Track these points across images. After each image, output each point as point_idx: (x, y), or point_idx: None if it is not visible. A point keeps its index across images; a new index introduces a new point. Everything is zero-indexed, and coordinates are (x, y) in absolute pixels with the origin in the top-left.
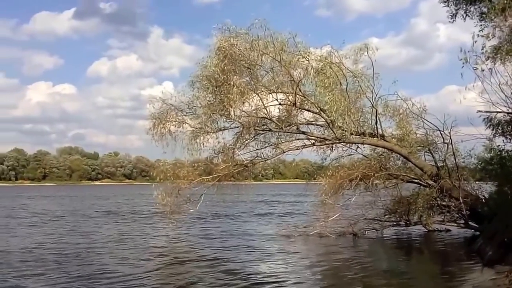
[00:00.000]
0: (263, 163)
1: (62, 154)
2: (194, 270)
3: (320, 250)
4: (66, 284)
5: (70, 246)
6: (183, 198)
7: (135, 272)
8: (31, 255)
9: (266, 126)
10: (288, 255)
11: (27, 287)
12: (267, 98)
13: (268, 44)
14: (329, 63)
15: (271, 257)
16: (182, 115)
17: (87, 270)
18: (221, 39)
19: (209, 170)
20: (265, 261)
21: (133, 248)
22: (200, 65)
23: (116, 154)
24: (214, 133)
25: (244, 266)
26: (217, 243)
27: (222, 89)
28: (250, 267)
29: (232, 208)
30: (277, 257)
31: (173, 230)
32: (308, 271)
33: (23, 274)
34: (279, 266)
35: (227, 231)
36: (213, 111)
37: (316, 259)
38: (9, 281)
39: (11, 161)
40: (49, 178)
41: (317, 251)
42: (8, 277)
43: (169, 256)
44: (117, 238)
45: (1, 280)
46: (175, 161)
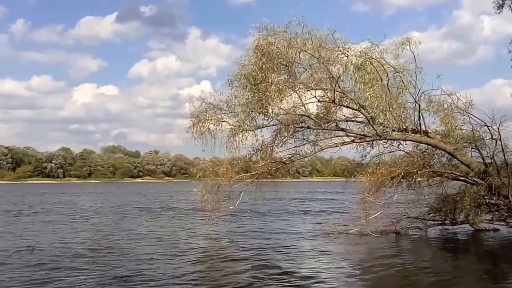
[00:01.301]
0: (301, 160)
1: (106, 152)
2: (232, 269)
3: (361, 249)
4: (102, 278)
5: (111, 241)
6: (222, 195)
7: (172, 268)
8: (72, 250)
9: (304, 123)
10: (327, 254)
11: (64, 281)
12: (305, 95)
13: (306, 41)
14: (369, 58)
15: (310, 256)
16: (220, 113)
17: (126, 265)
18: (259, 38)
19: (247, 167)
20: (304, 260)
21: (172, 244)
22: (238, 64)
23: (156, 152)
24: (252, 130)
25: (283, 265)
26: (256, 241)
27: (260, 87)
28: (289, 266)
29: (271, 205)
30: (316, 256)
31: (213, 227)
32: (349, 271)
33: (61, 267)
34: (319, 265)
35: (265, 229)
36: (252, 109)
37: (357, 258)
38: (49, 274)
39: (59, 159)
40: (94, 176)
41: (358, 249)
42: (48, 270)
43: (207, 253)
44: (157, 234)
45: (40, 273)
46: (213, 159)
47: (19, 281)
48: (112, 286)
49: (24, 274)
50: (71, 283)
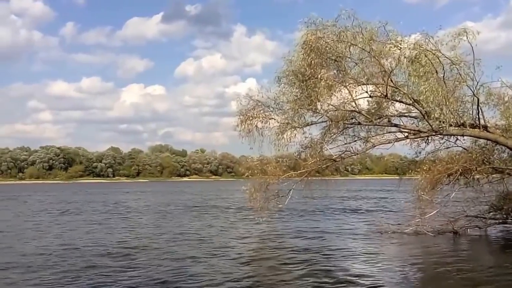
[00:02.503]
0: (351, 157)
1: (153, 151)
2: (280, 271)
3: (417, 249)
4: (145, 279)
5: (156, 241)
6: (271, 194)
7: (218, 269)
8: (116, 249)
9: (355, 119)
10: (381, 254)
11: (104, 281)
12: (355, 90)
13: (356, 35)
14: (424, 50)
15: (362, 256)
16: (268, 111)
17: (171, 265)
18: (307, 33)
19: (295, 165)
20: (356, 261)
21: (219, 244)
22: (286, 60)
23: (203, 151)
24: (301, 128)
25: (334, 266)
26: (305, 241)
27: (308, 83)
28: (342, 267)
29: (320, 204)
30: (369, 257)
31: (261, 226)
32: (404, 272)
33: (102, 266)
34: (372, 267)
35: (315, 228)
36: (300, 106)
37: (413, 259)
38: (90, 272)
39: (109, 159)
40: (142, 175)
41: (414, 249)
42: (89, 269)
43: (255, 254)
44: (204, 233)
45: (82, 271)
46: (261, 157)
47: (60, 279)
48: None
49: (64, 273)
50: (112, 283)
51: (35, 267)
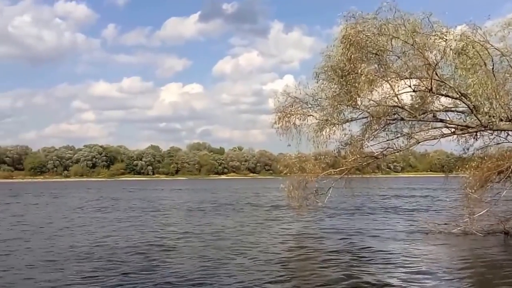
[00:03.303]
0: (393, 154)
1: (191, 149)
2: (318, 270)
3: (466, 250)
4: (180, 274)
5: (193, 236)
6: (310, 192)
7: (254, 269)
8: (153, 244)
9: (397, 115)
10: (427, 255)
11: (150, 272)
12: (398, 85)
13: (398, 27)
14: (472, 42)
15: (407, 257)
16: (306, 107)
17: (204, 262)
18: (347, 27)
19: (334, 163)
20: (400, 262)
21: (256, 243)
22: (324, 55)
23: (240, 149)
24: (340, 124)
25: (376, 268)
26: (346, 240)
27: (348, 79)
28: (383, 269)
29: (361, 202)
30: (414, 258)
31: (300, 225)
32: (451, 275)
33: (133, 265)
34: (417, 269)
35: (356, 227)
36: (339, 102)
37: (461, 261)
38: (121, 269)
39: (148, 157)
40: (181, 173)
41: (462, 251)
42: (121, 266)
43: (293, 253)
44: (240, 230)
45: (116, 268)
46: (299, 154)
47: (87, 277)
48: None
49: (91, 271)
50: (141, 282)
51: (63, 263)
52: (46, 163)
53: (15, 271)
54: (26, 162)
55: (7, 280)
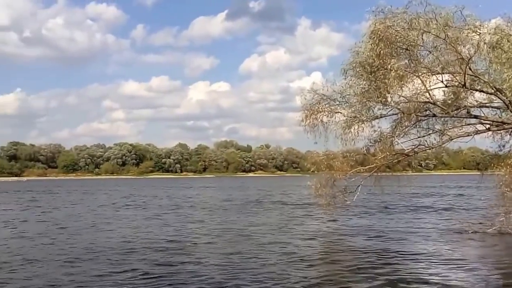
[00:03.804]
0: (425, 152)
1: (219, 147)
2: (345, 271)
3: (502, 250)
4: (205, 273)
5: (218, 234)
6: (338, 189)
7: (279, 265)
8: (178, 242)
9: (429, 111)
10: (460, 256)
11: (173, 270)
12: (429, 80)
13: (429, 21)
14: (506, 35)
15: (439, 258)
16: (334, 104)
17: (230, 260)
18: (376, 22)
19: (363, 160)
20: (432, 262)
21: (282, 242)
22: (352, 51)
23: (268, 147)
24: (369, 121)
25: (407, 268)
26: (374, 239)
27: (377, 75)
28: (414, 270)
29: (392, 200)
30: (447, 259)
31: (328, 223)
32: (486, 276)
33: (154, 263)
34: (450, 270)
35: (386, 226)
36: (368, 99)
37: (497, 261)
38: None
39: (176, 155)
40: (208, 170)
41: (498, 251)
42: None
43: (318, 251)
44: (266, 229)
45: (143, 266)
46: (327, 152)
47: (108, 273)
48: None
49: (113, 266)
50: (164, 281)
51: (83, 259)
52: (78, 161)
53: (37, 267)
54: (59, 160)
55: (31, 274)
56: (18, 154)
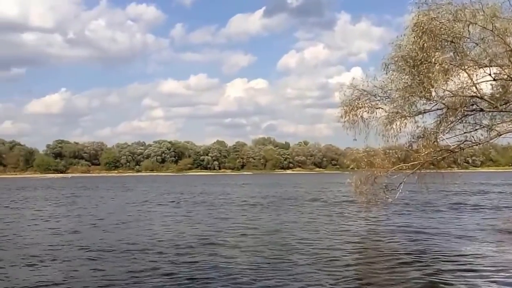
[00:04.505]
0: (471, 148)
1: (257, 144)
2: (386, 272)
3: None
4: (237, 271)
5: (252, 232)
6: (379, 187)
7: (316, 264)
8: (208, 239)
9: (475, 105)
10: (509, 255)
11: (205, 268)
12: (476, 73)
13: (476, 12)
14: None
15: (488, 260)
16: (375, 100)
17: (265, 259)
18: (419, 14)
19: (405, 157)
20: (480, 264)
21: (319, 239)
22: (394, 45)
23: (306, 143)
24: (412, 117)
25: (453, 269)
26: (417, 239)
27: (420, 69)
28: (460, 270)
29: (436, 198)
30: (494, 259)
31: (368, 221)
32: None
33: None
34: (498, 270)
35: (429, 225)
36: (411, 93)
37: None
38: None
39: (214, 152)
40: (246, 167)
41: None
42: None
43: (357, 250)
44: (304, 227)
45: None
46: (367, 149)
47: (133, 270)
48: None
49: (139, 263)
50: (196, 278)
51: (115, 256)
52: (119, 158)
53: (65, 262)
54: (101, 158)
55: (57, 269)
56: (63, 151)
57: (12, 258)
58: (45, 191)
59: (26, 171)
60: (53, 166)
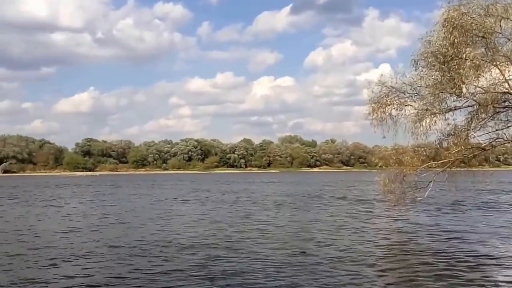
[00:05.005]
0: (503, 146)
1: (283, 142)
2: (412, 273)
3: None
4: (258, 269)
5: (276, 230)
6: (408, 185)
7: (340, 264)
8: (240, 236)
9: (508, 102)
10: None
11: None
12: (508, 69)
13: (508, 7)
14: None
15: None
16: (404, 97)
17: (288, 257)
18: (449, 9)
19: (435, 155)
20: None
21: (345, 238)
22: (423, 41)
23: (333, 141)
24: (442, 114)
25: (483, 271)
26: (446, 239)
27: (451, 65)
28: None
29: (467, 197)
30: None
31: (396, 220)
32: None
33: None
34: None
35: (460, 225)
36: (441, 90)
37: None
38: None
39: (241, 150)
40: (273, 165)
41: None
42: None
43: (384, 250)
44: (329, 226)
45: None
46: (396, 146)
47: (150, 267)
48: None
49: (156, 260)
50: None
51: (138, 254)
52: (147, 157)
53: (87, 260)
54: (129, 156)
55: (79, 267)
56: (91, 150)
57: (36, 256)
58: (73, 189)
59: (56, 169)
60: (81, 164)
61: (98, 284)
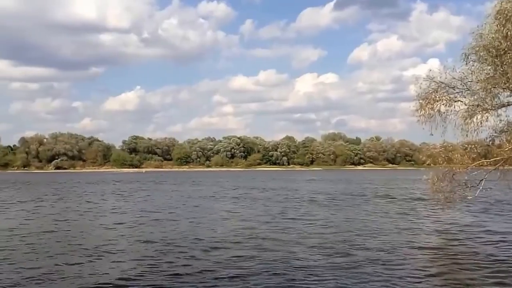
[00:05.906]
0: None
1: (326, 140)
2: (461, 275)
3: None
4: (295, 266)
5: (318, 229)
6: (458, 184)
7: (385, 263)
8: (277, 234)
9: None
10: None
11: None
12: None
13: None
14: None
15: None
16: (453, 92)
17: (331, 257)
18: (502, 1)
19: (486, 153)
20: None
21: (391, 237)
22: (475, 34)
23: (378, 139)
24: (494, 109)
25: None
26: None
27: (504, 59)
28: None
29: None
30: None
31: (447, 220)
32: None
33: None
34: None
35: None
36: (494, 85)
37: None
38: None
39: (284, 148)
40: (316, 163)
41: None
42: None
43: (431, 251)
44: (375, 224)
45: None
46: (445, 144)
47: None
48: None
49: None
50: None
51: (171, 252)
52: (190, 154)
53: (127, 256)
54: (173, 153)
55: (127, 261)
56: (137, 147)
57: (82, 251)
58: (120, 185)
59: (104, 166)
60: (128, 161)
61: (130, 278)
